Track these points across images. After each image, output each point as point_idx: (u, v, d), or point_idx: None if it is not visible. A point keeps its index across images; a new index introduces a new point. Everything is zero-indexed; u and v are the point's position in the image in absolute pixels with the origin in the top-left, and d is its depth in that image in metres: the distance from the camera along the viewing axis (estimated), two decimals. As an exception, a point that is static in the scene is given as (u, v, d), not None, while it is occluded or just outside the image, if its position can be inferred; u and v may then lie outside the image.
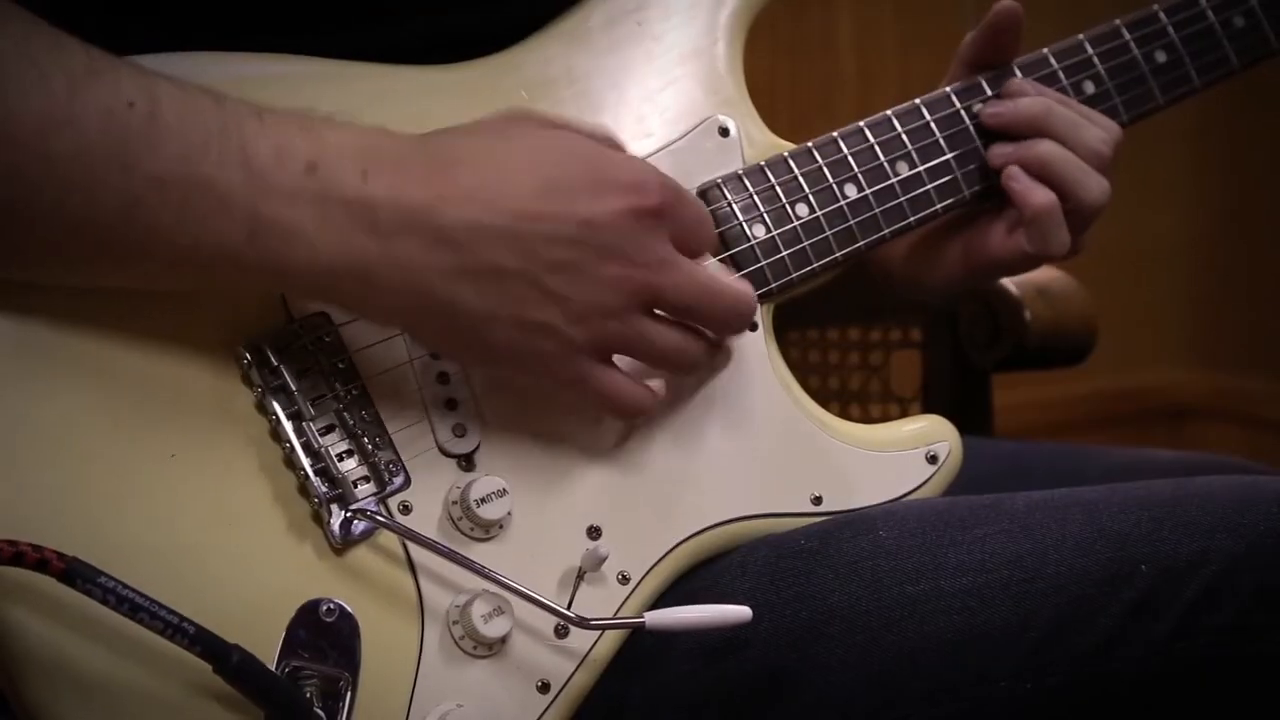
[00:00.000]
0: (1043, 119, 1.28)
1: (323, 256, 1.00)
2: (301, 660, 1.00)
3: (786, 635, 1.11)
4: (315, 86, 1.12)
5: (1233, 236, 3.25)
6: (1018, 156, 1.27)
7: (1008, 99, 1.29)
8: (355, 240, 1.00)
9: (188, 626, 0.94)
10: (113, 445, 1.00)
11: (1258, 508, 1.09)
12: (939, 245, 1.33)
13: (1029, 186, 1.26)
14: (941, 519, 1.14)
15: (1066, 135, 1.27)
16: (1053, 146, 1.27)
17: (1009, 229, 1.28)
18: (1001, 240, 1.29)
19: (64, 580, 0.93)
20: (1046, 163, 1.27)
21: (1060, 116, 1.28)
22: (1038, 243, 1.27)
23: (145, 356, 1.02)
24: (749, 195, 1.21)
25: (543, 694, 1.07)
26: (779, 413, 1.19)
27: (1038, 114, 1.28)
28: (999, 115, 1.29)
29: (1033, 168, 1.27)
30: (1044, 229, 1.26)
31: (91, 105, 0.96)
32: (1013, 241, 1.28)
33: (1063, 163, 1.26)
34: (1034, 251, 1.27)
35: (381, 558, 1.05)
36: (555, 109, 1.16)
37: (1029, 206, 1.26)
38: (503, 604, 1.06)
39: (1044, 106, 1.28)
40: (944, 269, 1.33)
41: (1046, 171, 1.26)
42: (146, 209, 0.97)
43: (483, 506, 1.07)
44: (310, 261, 1.00)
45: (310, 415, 1.05)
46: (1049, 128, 1.27)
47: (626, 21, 1.22)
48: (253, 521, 1.03)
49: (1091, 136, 1.28)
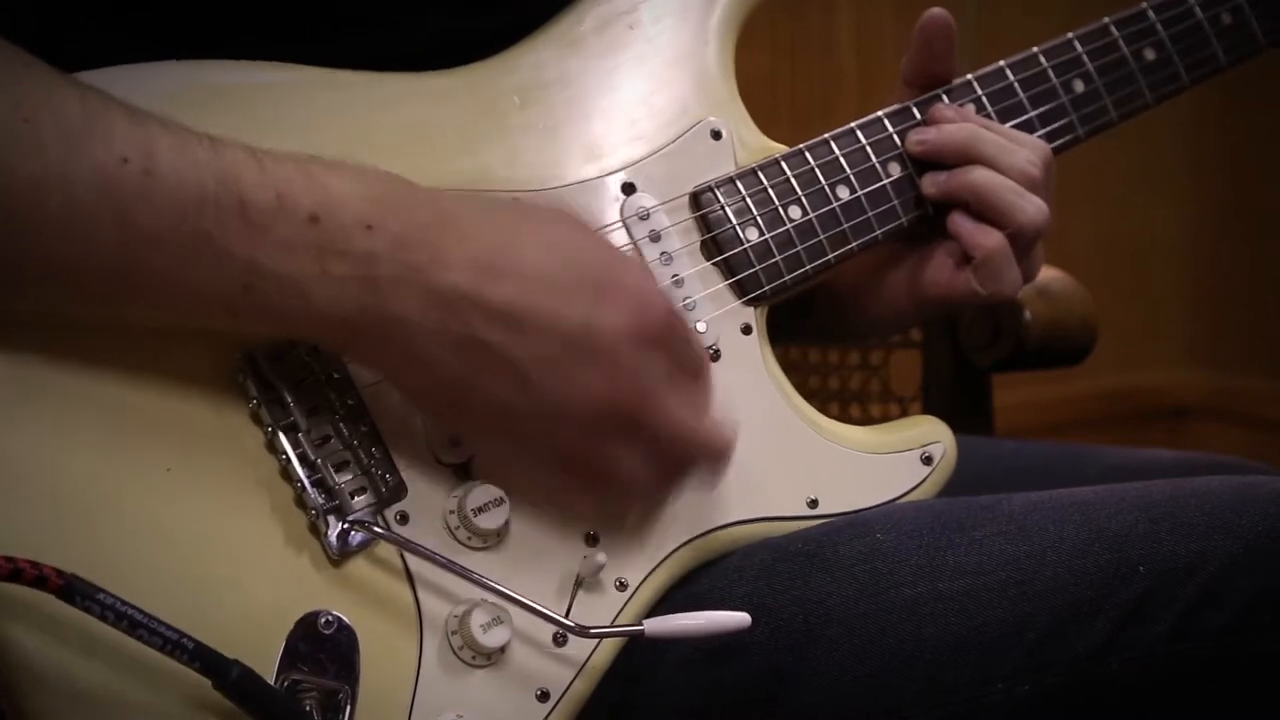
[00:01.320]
0: (970, 145, 1.25)
1: (317, 306, 0.99)
2: (301, 673, 1.00)
3: (784, 638, 1.11)
4: (305, 93, 1.12)
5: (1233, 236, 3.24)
6: (951, 185, 1.25)
7: (932, 126, 1.27)
8: (350, 292, 0.99)
9: (187, 642, 0.94)
10: (108, 460, 1.00)
11: (1255, 508, 1.09)
12: (884, 277, 1.30)
13: (975, 228, 1.24)
14: (939, 521, 1.14)
15: (996, 160, 1.25)
16: (985, 173, 1.24)
17: (956, 264, 1.26)
18: (949, 276, 1.26)
19: (62, 597, 0.93)
20: (980, 190, 1.24)
21: (988, 141, 1.25)
22: (990, 283, 1.24)
23: (139, 371, 1.02)
24: (742, 198, 1.21)
25: (542, 702, 1.07)
26: (774, 416, 1.19)
27: (964, 140, 1.26)
28: (925, 143, 1.27)
29: (967, 195, 1.25)
30: (995, 269, 1.24)
31: (85, 164, 0.95)
32: (961, 279, 1.25)
33: (998, 189, 1.24)
34: (987, 293, 1.25)
35: (379, 569, 1.05)
36: (548, 113, 1.17)
37: (979, 249, 1.24)
38: (501, 613, 1.06)
39: (969, 133, 1.26)
40: (890, 302, 1.30)
41: (981, 199, 1.24)
42: (142, 263, 0.96)
43: (480, 516, 1.07)
44: (304, 312, 0.99)
45: (306, 427, 1.05)
46: (977, 153, 1.25)
47: (618, 24, 1.22)
48: (250, 534, 1.03)
49: (1020, 159, 1.25)
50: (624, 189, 1.18)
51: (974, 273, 1.24)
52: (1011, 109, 1.31)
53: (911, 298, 1.29)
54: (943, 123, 1.27)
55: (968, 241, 1.24)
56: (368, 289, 1.00)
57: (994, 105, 1.30)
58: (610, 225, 1.17)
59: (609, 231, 1.17)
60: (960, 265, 1.26)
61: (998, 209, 1.24)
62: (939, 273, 1.26)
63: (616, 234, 1.17)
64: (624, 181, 1.18)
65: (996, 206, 1.24)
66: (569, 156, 1.18)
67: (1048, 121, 1.32)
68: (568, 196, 1.16)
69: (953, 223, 1.25)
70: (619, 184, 1.18)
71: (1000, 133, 1.27)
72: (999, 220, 1.24)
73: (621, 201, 1.18)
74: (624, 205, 1.18)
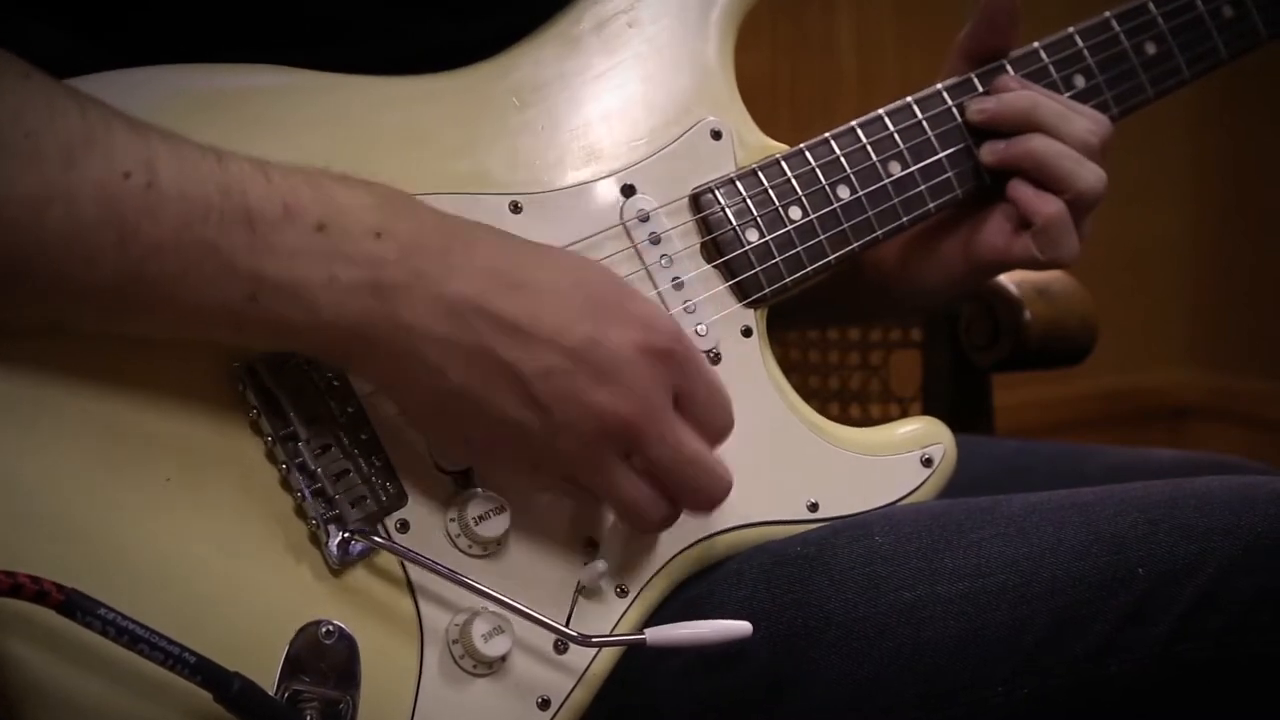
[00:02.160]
0: (1030, 113, 1.28)
1: (323, 315, 0.99)
2: (302, 684, 1.00)
3: (784, 642, 1.11)
4: (302, 96, 1.12)
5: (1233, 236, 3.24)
6: (1009, 153, 1.28)
7: (993, 95, 1.29)
8: (357, 300, 0.99)
9: (188, 656, 0.94)
10: (107, 471, 1.00)
11: (1255, 509, 1.09)
12: (935, 245, 1.33)
13: (1035, 195, 1.27)
14: (938, 523, 1.14)
15: (1055, 128, 1.27)
16: (1043, 140, 1.27)
17: (1014, 228, 1.29)
18: (1008, 240, 1.29)
19: (63, 612, 0.92)
20: (1038, 157, 1.27)
21: (1047, 109, 1.28)
22: (1050, 249, 1.27)
23: (139, 381, 1.02)
24: (742, 199, 1.21)
25: (543, 710, 1.07)
26: (773, 419, 1.19)
27: (1024, 109, 1.28)
28: (985, 111, 1.29)
29: (1025, 163, 1.27)
30: (1055, 236, 1.27)
31: (87, 179, 0.94)
32: (1020, 244, 1.28)
33: (1056, 156, 1.27)
34: (1046, 259, 1.28)
35: (380, 578, 1.05)
36: (547, 113, 1.17)
37: (1039, 215, 1.27)
38: (502, 622, 1.06)
39: (1030, 101, 1.28)
40: (944, 268, 1.33)
41: (1040, 166, 1.27)
42: (146, 275, 0.96)
43: (481, 524, 1.07)
44: (309, 320, 0.99)
45: (306, 436, 1.05)
46: (1037, 121, 1.28)
47: (617, 24, 1.21)
48: (250, 544, 1.03)
49: (1079, 127, 1.28)
50: (624, 191, 1.18)
51: (1034, 239, 1.27)
52: None
53: (966, 262, 1.31)
54: (1004, 92, 1.29)
55: (1027, 208, 1.27)
56: (375, 296, 0.99)
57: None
58: (610, 228, 1.17)
59: (609, 234, 1.17)
60: (1018, 230, 1.28)
61: (1057, 176, 1.27)
62: (996, 237, 1.29)
63: (617, 237, 1.17)
64: (624, 183, 1.18)
65: (1056, 173, 1.26)
66: (569, 157, 1.17)
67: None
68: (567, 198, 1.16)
69: (1013, 189, 1.28)
70: (619, 185, 1.18)
71: (1060, 102, 1.30)
72: (1058, 187, 1.27)
73: (621, 204, 1.18)
74: (624, 208, 1.18)
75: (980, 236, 1.30)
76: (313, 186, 0.99)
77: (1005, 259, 1.30)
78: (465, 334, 1.01)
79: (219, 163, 0.98)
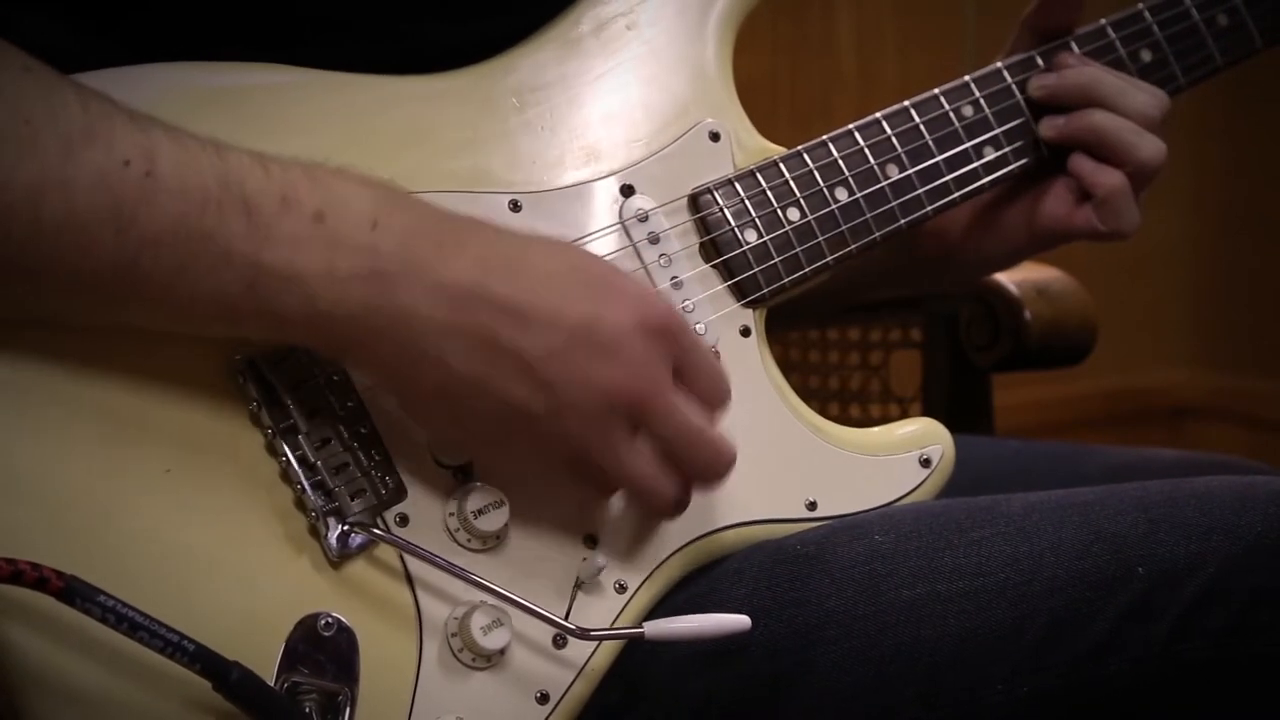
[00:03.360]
0: (1091, 88, 1.31)
1: (321, 303, 0.99)
2: (300, 675, 1.00)
3: (784, 640, 1.11)
4: (303, 94, 1.12)
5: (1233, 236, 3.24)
6: (1069, 128, 1.31)
7: (1054, 71, 1.32)
8: (356, 288, 1.00)
9: (187, 644, 0.94)
10: (108, 462, 1.00)
11: (1255, 509, 1.09)
12: (999, 215, 1.36)
13: (1096, 168, 1.30)
14: (938, 522, 1.15)
15: (1115, 102, 1.30)
16: (1103, 114, 1.30)
17: (1075, 200, 1.32)
18: (1069, 211, 1.32)
19: (63, 599, 0.93)
20: (1099, 131, 1.30)
21: (1107, 84, 1.31)
22: (1112, 220, 1.31)
23: (139, 372, 1.02)
24: (740, 200, 1.21)
25: (541, 704, 1.07)
26: (773, 418, 1.19)
27: (1085, 84, 1.31)
28: (1046, 87, 1.31)
29: (1086, 137, 1.30)
30: (1116, 208, 1.30)
31: (85, 168, 0.95)
32: (1081, 215, 1.31)
33: (1116, 129, 1.30)
34: (1108, 230, 1.31)
35: (379, 571, 1.05)
36: (547, 114, 1.17)
37: (1101, 187, 1.30)
38: (501, 615, 1.06)
39: (1090, 77, 1.31)
40: (1006, 238, 1.36)
41: (1101, 140, 1.30)
42: (144, 265, 0.96)
43: (480, 518, 1.07)
44: (307, 309, 0.99)
45: (306, 429, 1.05)
46: (1097, 96, 1.30)
47: (616, 26, 1.22)
48: (249, 536, 1.03)
49: (1140, 101, 1.31)
50: (623, 190, 1.18)
51: (1095, 210, 1.31)
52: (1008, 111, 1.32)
53: (1029, 232, 1.34)
54: (1064, 69, 1.31)
55: (1089, 180, 1.30)
56: (374, 285, 1.00)
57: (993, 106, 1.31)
58: (609, 227, 1.17)
59: (608, 233, 1.17)
60: (1080, 201, 1.31)
61: (1118, 148, 1.30)
62: (1058, 207, 1.32)
63: (615, 236, 1.17)
64: (623, 183, 1.18)
65: (1117, 146, 1.30)
66: (568, 158, 1.18)
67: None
68: (567, 198, 1.17)
69: (1074, 162, 1.31)
70: (618, 186, 1.18)
71: (1120, 77, 1.32)
72: (1119, 159, 1.30)
73: (620, 204, 1.18)
74: (623, 208, 1.18)
75: (1042, 208, 1.33)
76: (310, 178, 1.00)
77: (1067, 230, 1.33)
78: (466, 320, 1.01)
79: (218, 154, 0.98)
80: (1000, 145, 1.30)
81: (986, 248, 1.37)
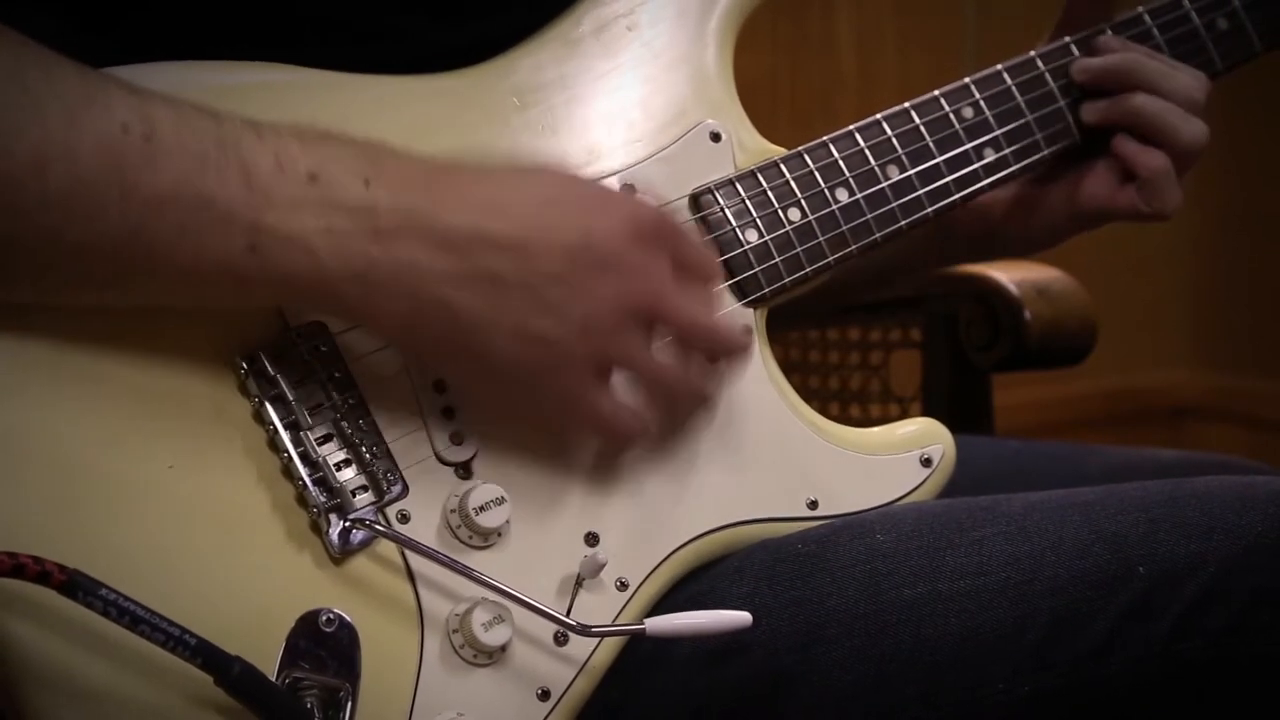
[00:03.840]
0: (1133, 71, 1.32)
1: (325, 263, 1.00)
2: (302, 671, 1.00)
3: (785, 639, 1.12)
4: (303, 93, 1.12)
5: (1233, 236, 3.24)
6: (1112, 110, 1.32)
7: (1098, 55, 1.34)
8: (356, 245, 1.00)
9: (189, 639, 0.94)
10: (111, 457, 1.00)
11: (1255, 509, 1.09)
12: (1042, 196, 1.37)
13: (1140, 149, 1.32)
14: (939, 521, 1.15)
15: (1158, 84, 1.32)
16: (1146, 97, 1.32)
17: (1119, 181, 1.33)
18: (1112, 192, 1.34)
19: (65, 593, 0.93)
20: (1143, 113, 1.31)
21: (1150, 68, 1.33)
22: (1155, 201, 1.33)
23: (142, 368, 1.02)
24: (741, 200, 1.21)
25: (543, 701, 1.07)
26: (773, 417, 1.19)
27: (1128, 68, 1.32)
28: (1089, 70, 1.33)
29: (1130, 120, 1.32)
30: (1159, 188, 1.32)
31: (87, 134, 0.95)
32: (1124, 195, 1.33)
33: (1160, 111, 1.31)
34: (1151, 211, 1.33)
35: (380, 567, 1.06)
36: (547, 114, 1.17)
37: (1144, 168, 1.31)
38: (502, 612, 1.06)
39: (1132, 60, 1.33)
40: (1048, 218, 1.38)
41: (1145, 122, 1.31)
42: (147, 230, 0.97)
43: (481, 514, 1.07)
44: (312, 270, 1.00)
45: (308, 425, 1.05)
46: (1140, 79, 1.32)
47: (616, 27, 1.22)
48: (251, 532, 1.03)
49: (1182, 84, 1.33)
50: (623, 190, 1.18)
51: (1139, 191, 1.33)
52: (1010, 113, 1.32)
53: (1071, 212, 1.36)
54: (1107, 53, 1.33)
55: (1133, 162, 1.32)
56: (374, 241, 1.01)
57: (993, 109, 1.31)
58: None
59: None
60: (1123, 183, 1.33)
61: (1162, 130, 1.31)
62: (1100, 188, 1.34)
63: None
64: (624, 183, 1.18)
65: (1160, 128, 1.31)
66: (569, 158, 1.18)
67: (1045, 125, 1.32)
68: None
69: (1118, 144, 1.33)
70: (619, 185, 1.18)
71: (1163, 60, 1.34)
72: (1162, 141, 1.32)
73: None
74: (624, 207, 1.18)
75: (1085, 188, 1.35)
76: (300, 140, 1.01)
77: (1110, 210, 1.35)
78: (467, 263, 1.02)
79: (214, 119, 0.99)
80: (1000, 147, 1.30)
81: (1029, 227, 1.39)
